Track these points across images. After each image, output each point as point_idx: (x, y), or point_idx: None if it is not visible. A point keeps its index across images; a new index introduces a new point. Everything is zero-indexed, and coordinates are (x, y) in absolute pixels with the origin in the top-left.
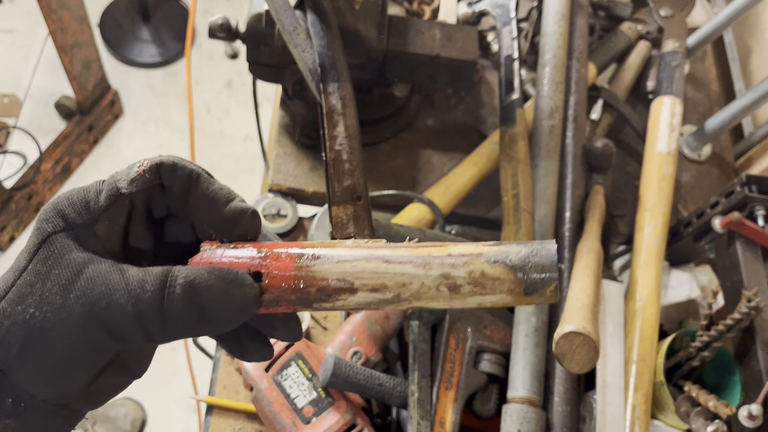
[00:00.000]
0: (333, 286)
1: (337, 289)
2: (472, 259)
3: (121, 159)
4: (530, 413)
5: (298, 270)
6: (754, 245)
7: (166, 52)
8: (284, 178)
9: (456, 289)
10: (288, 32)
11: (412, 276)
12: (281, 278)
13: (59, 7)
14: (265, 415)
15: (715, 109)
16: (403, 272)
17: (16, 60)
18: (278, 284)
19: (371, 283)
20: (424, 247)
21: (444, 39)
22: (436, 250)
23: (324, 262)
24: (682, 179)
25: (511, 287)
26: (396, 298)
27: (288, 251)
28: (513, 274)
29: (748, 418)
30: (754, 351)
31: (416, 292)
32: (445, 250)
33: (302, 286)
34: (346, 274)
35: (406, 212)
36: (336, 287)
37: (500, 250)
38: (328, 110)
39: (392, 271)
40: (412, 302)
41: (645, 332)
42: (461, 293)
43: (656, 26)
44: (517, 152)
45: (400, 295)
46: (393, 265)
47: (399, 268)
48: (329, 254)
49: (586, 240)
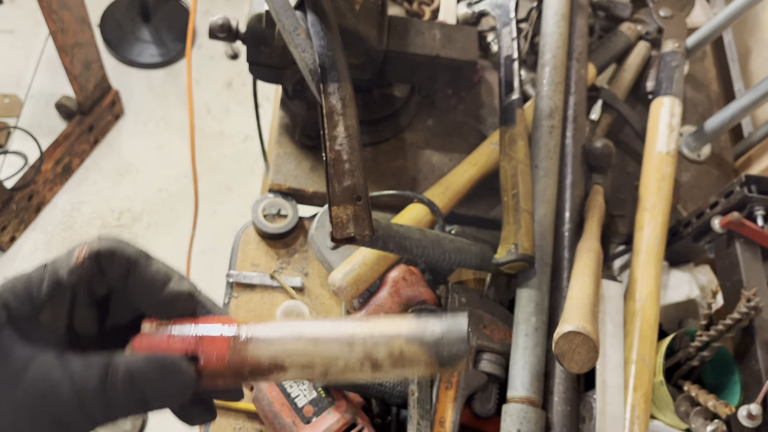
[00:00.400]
0: (265, 366)
1: (269, 368)
2: (391, 339)
3: (121, 159)
4: (530, 413)
5: (232, 353)
6: (754, 245)
7: (167, 52)
8: (284, 178)
9: (378, 366)
10: (288, 33)
11: (338, 356)
12: (216, 361)
13: (60, 7)
14: (265, 414)
15: (715, 109)
16: (329, 353)
17: (17, 60)
18: (214, 366)
19: (300, 362)
20: (349, 325)
21: (444, 39)
22: (359, 328)
23: (256, 345)
24: (682, 179)
25: (427, 362)
26: (324, 373)
27: (222, 333)
28: (428, 352)
29: (748, 417)
30: (754, 351)
31: (342, 369)
32: (368, 328)
33: (236, 367)
34: (276, 357)
35: (406, 212)
36: (268, 367)
37: (417, 330)
38: (328, 110)
39: (319, 352)
40: (339, 377)
41: (644, 332)
42: (383, 369)
43: (656, 27)
44: (516, 152)
45: (328, 372)
46: (320, 345)
47: (326, 348)
48: (261, 336)
49: (585, 240)
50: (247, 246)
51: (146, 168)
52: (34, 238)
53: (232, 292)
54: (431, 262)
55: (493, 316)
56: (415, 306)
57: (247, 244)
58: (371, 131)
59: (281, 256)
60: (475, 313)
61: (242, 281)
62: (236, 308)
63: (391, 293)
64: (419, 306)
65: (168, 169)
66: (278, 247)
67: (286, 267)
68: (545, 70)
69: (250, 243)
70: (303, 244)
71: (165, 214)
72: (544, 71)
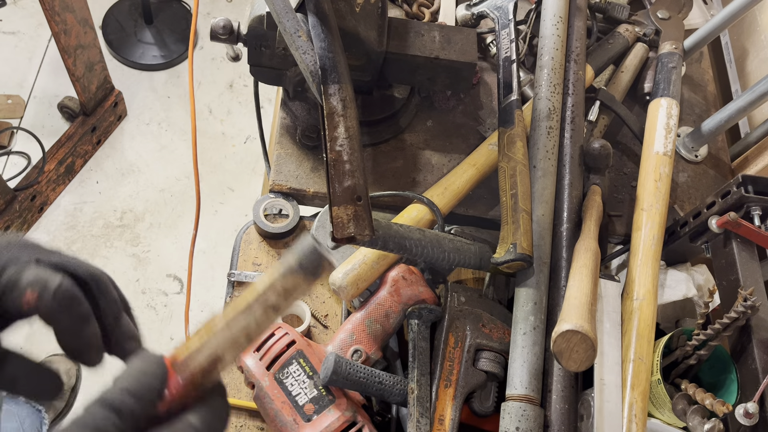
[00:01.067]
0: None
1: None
2: (272, 285)
3: (124, 159)
4: (528, 411)
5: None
6: (750, 245)
7: (169, 54)
8: (285, 178)
9: (277, 308)
10: (289, 34)
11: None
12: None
13: (62, 9)
14: (266, 412)
15: (712, 110)
16: (241, 324)
17: (20, 62)
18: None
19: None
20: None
21: (443, 41)
22: (249, 295)
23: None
24: (679, 180)
25: (302, 281)
26: (249, 340)
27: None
28: (298, 274)
29: (745, 416)
30: (751, 349)
31: (257, 328)
32: (254, 290)
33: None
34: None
35: (406, 212)
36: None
37: (283, 267)
38: (328, 112)
39: (236, 330)
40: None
41: (642, 331)
42: (281, 307)
43: (653, 28)
44: (515, 153)
45: (250, 337)
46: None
47: (238, 324)
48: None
49: (583, 240)
50: (249, 246)
51: (148, 168)
52: (37, 239)
53: (233, 292)
54: (431, 261)
55: (492, 315)
56: (414, 305)
57: (249, 244)
58: (371, 132)
59: (282, 255)
60: (475, 312)
61: (244, 280)
62: None
63: (391, 292)
64: (419, 305)
65: (170, 170)
66: (279, 247)
67: None
68: (543, 72)
69: (252, 243)
70: None
71: (167, 214)
72: (543, 73)
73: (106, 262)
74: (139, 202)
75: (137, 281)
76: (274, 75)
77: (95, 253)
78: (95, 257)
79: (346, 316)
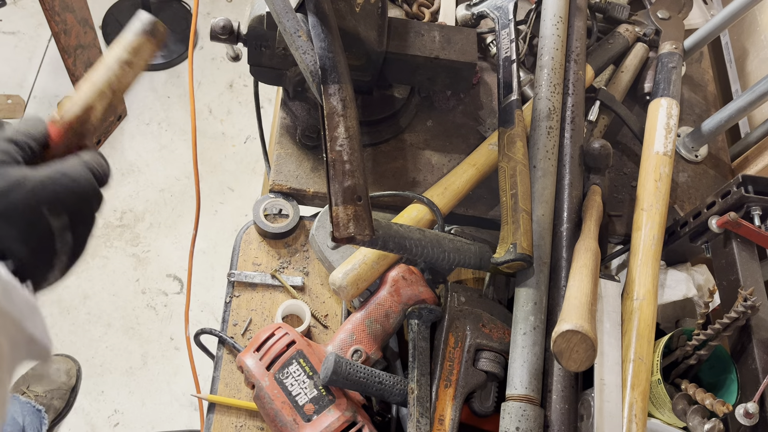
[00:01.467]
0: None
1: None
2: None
3: (124, 159)
4: (528, 411)
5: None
6: (750, 245)
7: (169, 54)
8: (285, 178)
9: (131, 63)
10: (289, 34)
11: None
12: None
13: (62, 9)
14: (266, 412)
15: (712, 110)
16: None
17: (20, 61)
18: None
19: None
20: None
21: (443, 41)
22: (109, 56)
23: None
24: (679, 180)
25: (148, 41)
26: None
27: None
28: (144, 34)
29: (745, 416)
30: (751, 349)
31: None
32: (112, 51)
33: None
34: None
35: (406, 212)
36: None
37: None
38: (328, 112)
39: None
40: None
41: (642, 331)
42: (135, 63)
43: (653, 28)
44: (515, 153)
45: (114, 89)
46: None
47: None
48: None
49: (583, 240)
50: (249, 245)
51: (148, 168)
52: None
53: (233, 291)
54: (431, 261)
55: (492, 315)
56: (414, 305)
57: (249, 244)
58: (371, 132)
59: (282, 255)
60: (475, 312)
61: (243, 280)
62: (237, 307)
63: (391, 292)
64: (419, 305)
65: (170, 170)
66: (279, 247)
67: (287, 266)
68: (544, 72)
69: (252, 243)
70: (304, 244)
71: (167, 214)
72: (543, 73)
73: (106, 262)
74: (139, 202)
75: (137, 281)
76: (274, 75)
77: (95, 253)
78: (95, 257)
79: (346, 316)
